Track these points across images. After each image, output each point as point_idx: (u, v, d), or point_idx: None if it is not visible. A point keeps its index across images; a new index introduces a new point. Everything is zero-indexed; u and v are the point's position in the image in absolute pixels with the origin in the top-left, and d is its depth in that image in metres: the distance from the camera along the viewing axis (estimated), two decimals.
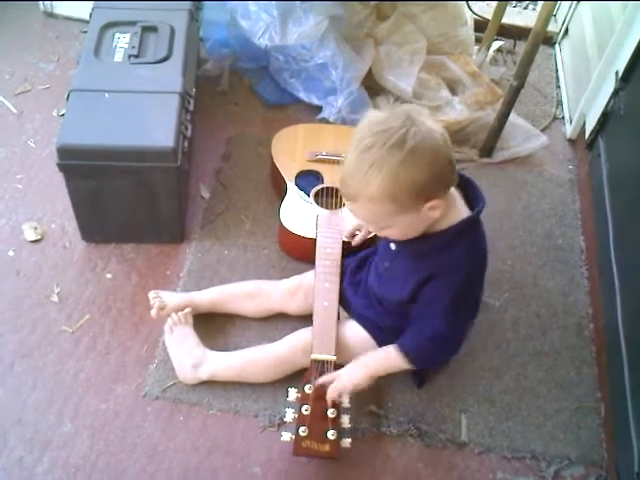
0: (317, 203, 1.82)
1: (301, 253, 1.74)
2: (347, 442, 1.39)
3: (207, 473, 1.44)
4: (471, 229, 1.34)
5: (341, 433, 1.38)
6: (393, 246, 1.42)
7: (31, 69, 2.36)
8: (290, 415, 1.40)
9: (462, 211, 1.32)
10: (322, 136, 2.02)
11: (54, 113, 2.19)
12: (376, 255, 1.56)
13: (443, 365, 1.62)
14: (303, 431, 1.36)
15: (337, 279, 1.62)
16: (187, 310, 1.62)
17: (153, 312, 1.61)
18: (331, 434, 1.36)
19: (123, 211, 1.77)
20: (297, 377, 1.53)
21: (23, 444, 1.45)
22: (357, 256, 1.66)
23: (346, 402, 1.42)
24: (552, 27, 2.56)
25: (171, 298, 1.64)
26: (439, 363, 1.59)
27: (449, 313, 1.34)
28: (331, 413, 1.38)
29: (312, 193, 1.84)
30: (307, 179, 1.88)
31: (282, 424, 1.50)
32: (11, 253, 1.81)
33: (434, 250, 1.32)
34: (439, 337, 1.36)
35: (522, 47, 1.99)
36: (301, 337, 1.55)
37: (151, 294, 1.64)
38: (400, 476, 1.47)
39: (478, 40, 2.46)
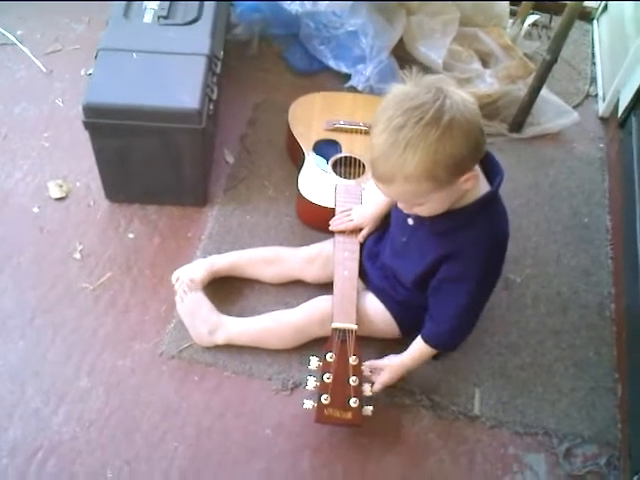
0: (335, 172, 1.80)
1: (320, 223, 1.73)
2: (369, 410, 1.40)
3: (219, 433, 1.46)
4: (491, 205, 1.31)
5: (363, 401, 1.38)
6: (411, 221, 1.38)
7: (62, 29, 2.36)
8: (312, 383, 1.39)
9: (482, 185, 1.29)
10: (340, 104, 1.99)
11: (82, 73, 2.19)
12: (391, 230, 1.53)
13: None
14: (325, 399, 1.36)
15: (357, 248, 1.61)
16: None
17: (178, 299, 1.58)
18: (353, 402, 1.36)
19: (147, 172, 1.77)
20: (314, 344, 1.54)
21: (40, 396, 1.48)
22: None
23: (367, 372, 1.43)
24: (591, 3, 2.50)
25: (194, 273, 1.61)
26: (459, 344, 1.52)
27: (471, 292, 1.32)
28: (353, 381, 1.38)
29: (330, 162, 1.82)
30: (325, 148, 1.86)
31: (295, 388, 1.52)
32: (36, 210, 1.82)
33: (456, 227, 1.30)
34: (460, 315, 1.36)
35: (558, 22, 1.93)
36: (318, 306, 1.55)
37: (174, 278, 1.62)
38: (411, 446, 1.47)
39: (513, 13, 2.39)
